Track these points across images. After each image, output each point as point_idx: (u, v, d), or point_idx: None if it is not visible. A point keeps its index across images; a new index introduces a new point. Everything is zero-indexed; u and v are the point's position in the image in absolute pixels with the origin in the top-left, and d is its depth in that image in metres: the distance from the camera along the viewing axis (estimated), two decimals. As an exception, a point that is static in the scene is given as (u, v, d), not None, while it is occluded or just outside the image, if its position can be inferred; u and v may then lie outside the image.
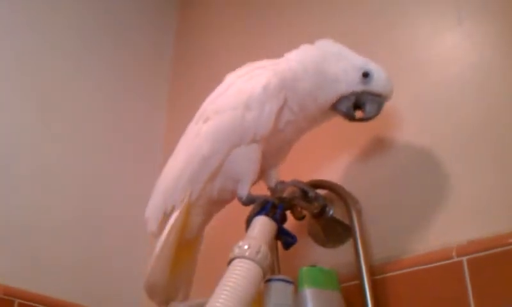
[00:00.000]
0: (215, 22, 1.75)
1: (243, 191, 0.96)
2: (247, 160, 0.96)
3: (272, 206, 0.91)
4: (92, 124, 1.56)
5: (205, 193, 0.98)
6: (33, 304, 1.26)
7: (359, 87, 0.95)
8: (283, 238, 0.93)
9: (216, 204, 1.02)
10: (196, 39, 1.79)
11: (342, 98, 0.96)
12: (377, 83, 0.95)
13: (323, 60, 0.97)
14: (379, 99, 0.96)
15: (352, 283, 0.99)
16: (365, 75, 0.95)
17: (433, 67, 1.10)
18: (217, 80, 1.57)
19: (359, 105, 0.97)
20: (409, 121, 1.08)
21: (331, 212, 1.08)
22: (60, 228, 1.39)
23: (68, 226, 1.41)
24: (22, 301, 1.24)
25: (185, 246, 1.02)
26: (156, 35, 1.85)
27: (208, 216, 1.04)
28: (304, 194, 1.01)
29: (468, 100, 1.02)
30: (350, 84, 0.95)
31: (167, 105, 1.78)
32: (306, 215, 1.05)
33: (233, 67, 1.54)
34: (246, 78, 0.99)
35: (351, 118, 0.97)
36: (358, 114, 0.98)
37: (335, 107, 0.97)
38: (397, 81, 1.12)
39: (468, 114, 1.01)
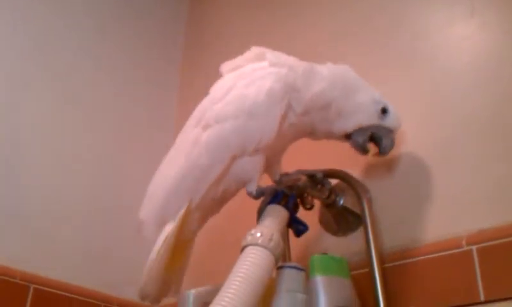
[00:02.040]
0: (226, 9, 1.75)
1: (252, 188, 0.95)
2: (252, 164, 0.94)
3: (284, 195, 0.92)
4: (104, 110, 1.58)
5: (206, 198, 0.95)
6: (48, 289, 1.28)
7: (376, 121, 0.96)
8: (295, 226, 0.94)
9: (217, 204, 0.99)
10: (207, 26, 1.79)
11: (358, 130, 0.97)
12: (393, 119, 0.97)
13: (346, 88, 0.97)
14: (392, 134, 0.98)
15: (363, 270, 1.00)
16: (384, 110, 0.96)
17: (446, 57, 1.10)
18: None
19: (373, 138, 0.98)
20: (420, 110, 1.08)
21: (341, 201, 1.09)
22: (75, 214, 1.42)
23: (83, 212, 1.44)
24: (38, 286, 1.26)
25: (179, 248, 0.98)
26: (167, 21, 1.86)
27: (205, 219, 1.01)
28: (312, 179, 1.02)
29: (481, 90, 1.02)
30: (369, 116, 0.96)
31: (178, 91, 1.79)
32: (314, 205, 1.06)
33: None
34: (247, 82, 0.94)
35: (365, 151, 0.98)
36: (370, 146, 0.99)
37: (349, 137, 0.98)
38: (410, 70, 1.13)
39: (480, 103, 1.01)
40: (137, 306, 1.43)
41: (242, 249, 0.81)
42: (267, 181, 1.01)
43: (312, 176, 1.02)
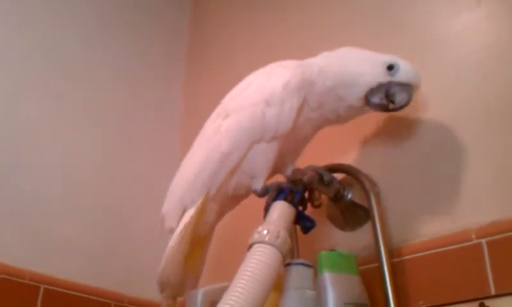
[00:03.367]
0: (230, 6, 1.74)
1: (258, 185, 0.98)
2: (264, 157, 0.97)
3: (290, 191, 0.91)
4: (108, 109, 1.58)
5: (222, 189, 1.00)
6: (58, 289, 1.28)
7: (385, 79, 0.95)
8: (302, 222, 0.94)
9: (231, 200, 1.04)
10: (211, 24, 1.79)
11: (372, 91, 0.95)
12: (404, 73, 0.95)
13: (346, 60, 0.97)
14: (408, 88, 0.95)
15: (372, 265, 1.00)
16: (390, 67, 0.95)
17: (451, 46, 1.09)
18: (233, 65, 1.58)
19: (388, 97, 0.96)
20: (427, 101, 1.07)
21: (349, 196, 1.09)
22: (84, 213, 1.42)
23: (91, 211, 1.44)
24: (47, 286, 1.26)
25: (196, 242, 1.03)
26: (172, 19, 1.86)
27: (221, 213, 1.05)
28: (321, 177, 1.02)
29: (488, 79, 1.01)
30: (375, 75, 0.95)
31: (183, 89, 1.79)
32: (322, 204, 1.06)
33: (248, 51, 1.55)
34: (265, 77, 0.99)
35: (385, 108, 0.96)
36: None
37: (367, 102, 0.96)
38: (416, 60, 1.11)
39: (487, 94, 1.00)
40: (147, 304, 1.44)
41: (249, 246, 0.80)
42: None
43: (321, 176, 1.02)
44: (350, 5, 1.33)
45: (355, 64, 0.97)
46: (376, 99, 0.96)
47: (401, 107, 0.97)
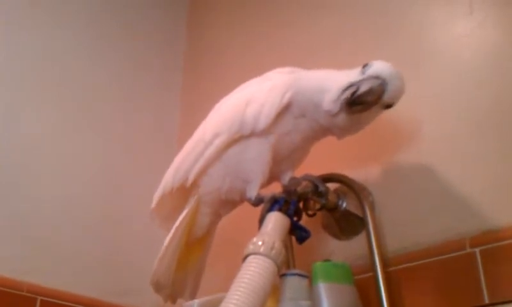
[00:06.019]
0: (227, 16, 1.75)
1: (252, 192, 0.99)
2: (256, 161, 0.98)
3: (285, 202, 0.92)
4: (105, 117, 1.58)
5: (213, 191, 1.02)
6: (55, 301, 1.28)
7: (357, 78, 0.91)
8: (297, 232, 0.94)
9: (225, 204, 1.06)
10: (208, 33, 1.79)
11: (344, 92, 0.91)
12: (375, 67, 0.90)
13: (328, 72, 0.98)
14: (374, 80, 0.90)
15: (366, 275, 1.00)
16: (364, 66, 0.91)
17: (446, 55, 1.09)
18: (230, 73, 1.59)
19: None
20: (420, 110, 1.08)
21: (344, 205, 1.09)
22: (81, 224, 1.42)
23: (88, 223, 1.44)
24: (44, 298, 1.27)
25: (194, 244, 1.07)
26: (169, 29, 1.86)
27: (216, 216, 1.08)
28: (316, 187, 1.02)
29: (482, 88, 1.01)
30: (348, 77, 0.92)
31: (180, 97, 1.80)
32: (316, 213, 1.07)
33: (245, 60, 1.56)
34: (258, 82, 1.02)
35: (348, 102, 0.90)
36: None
37: (342, 106, 0.92)
38: (408, 69, 1.12)
39: (480, 102, 1.00)
40: (146, 314, 1.44)
41: (244, 258, 0.81)
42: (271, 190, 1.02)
43: (316, 186, 1.02)
44: (345, 14, 1.34)
45: (334, 73, 0.96)
46: (342, 96, 0.91)
47: (362, 101, 0.90)
